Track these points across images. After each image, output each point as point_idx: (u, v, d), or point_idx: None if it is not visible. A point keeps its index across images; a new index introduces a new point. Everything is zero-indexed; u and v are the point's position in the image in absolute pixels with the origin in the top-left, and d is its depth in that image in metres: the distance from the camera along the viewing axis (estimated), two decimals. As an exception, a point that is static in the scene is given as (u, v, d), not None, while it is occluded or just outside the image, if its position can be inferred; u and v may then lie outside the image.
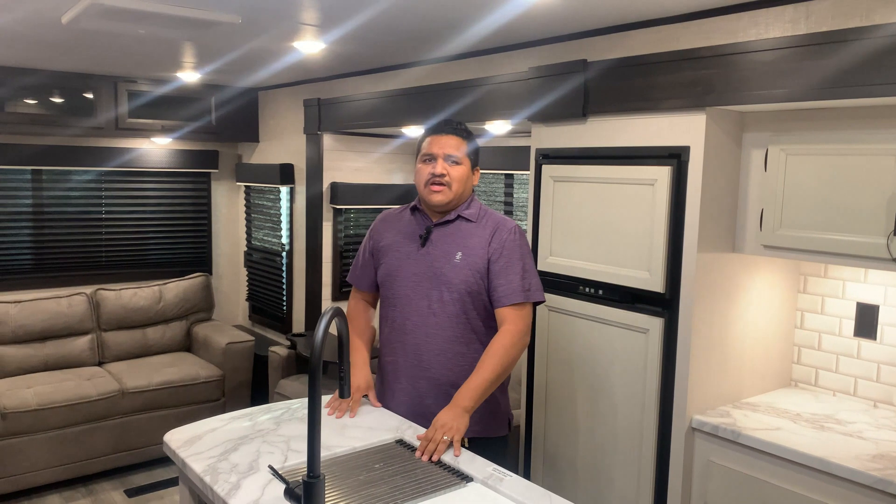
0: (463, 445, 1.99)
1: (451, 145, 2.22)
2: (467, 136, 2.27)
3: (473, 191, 2.33)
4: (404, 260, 2.26)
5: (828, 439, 2.21)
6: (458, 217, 2.24)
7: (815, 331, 2.69)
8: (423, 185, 2.23)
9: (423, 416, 2.18)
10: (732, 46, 2.22)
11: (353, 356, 2.35)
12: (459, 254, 2.19)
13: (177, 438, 1.99)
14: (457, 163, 2.21)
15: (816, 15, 2.10)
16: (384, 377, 2.34)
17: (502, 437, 2.30)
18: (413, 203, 2.35)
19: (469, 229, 2.23)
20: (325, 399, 2.25)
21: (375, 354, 2.49)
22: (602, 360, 2.66)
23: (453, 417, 1.98)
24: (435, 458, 1.90)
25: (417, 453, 1.92)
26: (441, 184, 2.20)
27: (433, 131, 2.27)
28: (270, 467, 1.74)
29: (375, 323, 2.45)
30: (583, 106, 2.66)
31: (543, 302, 2.25)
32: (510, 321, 2.14)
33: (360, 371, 2.31)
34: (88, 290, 4.64)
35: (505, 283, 2.15)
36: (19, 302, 4.21)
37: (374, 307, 2.48)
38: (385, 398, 2.32)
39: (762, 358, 2.65)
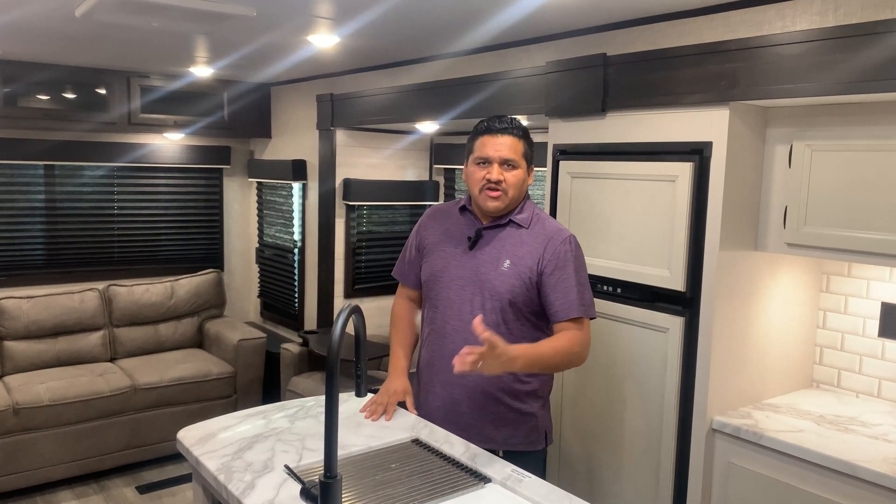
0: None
1: (507, 147, 2.07)
2: (522, 133, 2.11)
3: (527, 192, 2.20)
4: (450, 261, 2.17)
5: (852, 442, 2.16)
6: (510, 222, 2.13)
7: (838, 331, 2.64)
8: (476, 189, 2.11)
9: (457, 424, 2.12)
10: (758, 39, 2.17)
11: (392, 361, 2.27)
12: (508, 262, 2.09)
13: (190, 436, 1.97)
14: (513, 166, 2.08)
15: (845, 7, 2.05)
16: (420, 378, 2.27)
17: (539, 451, 2.20)
18: (462, 202, 2.23)
19: (519, 236, 2.11)
20: (343, 396, 2.21)
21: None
22: (621, 360, 2.62)
23: (504, 355, 1.79)
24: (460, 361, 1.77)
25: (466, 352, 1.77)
26: (497, 190, 2.08)
27: (486, 130, 2.11)
28: (286, 467, 1.72)
29: (418, 320, 2.36)
30: (602, 101, 2.62)
31: (594, 318, 2.12)
32: (572, 333, 2.04)
33: (398, 378, 2.23)
34: (100, 285, 4.64)
35: (561, 297, 2.05)
36: (32, 297, 4.21)
37: (420, 305, 2.36)
38: (420, 400, 2.25)
39: (783, 358, 2.60)
